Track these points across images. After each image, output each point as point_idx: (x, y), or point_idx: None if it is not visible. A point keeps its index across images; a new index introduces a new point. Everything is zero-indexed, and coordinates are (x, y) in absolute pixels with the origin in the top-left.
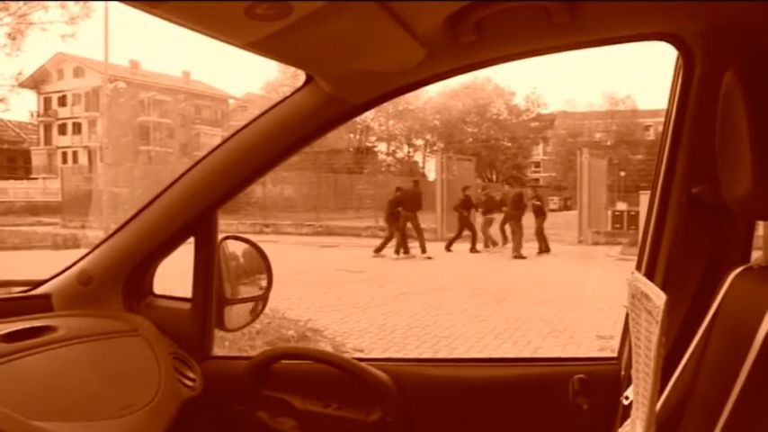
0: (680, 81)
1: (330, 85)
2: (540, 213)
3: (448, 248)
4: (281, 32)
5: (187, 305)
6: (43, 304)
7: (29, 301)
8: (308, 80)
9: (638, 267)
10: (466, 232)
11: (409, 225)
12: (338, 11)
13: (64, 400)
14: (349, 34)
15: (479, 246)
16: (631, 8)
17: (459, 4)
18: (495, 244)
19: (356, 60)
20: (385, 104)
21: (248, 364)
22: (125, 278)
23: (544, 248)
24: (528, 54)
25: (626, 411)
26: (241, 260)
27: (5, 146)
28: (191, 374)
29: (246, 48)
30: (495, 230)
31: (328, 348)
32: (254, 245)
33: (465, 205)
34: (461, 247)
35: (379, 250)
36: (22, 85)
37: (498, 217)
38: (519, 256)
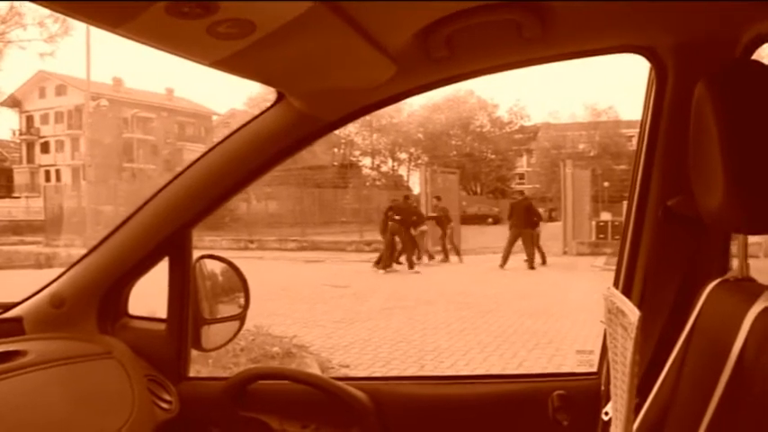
0: (653, 94)
1: (301, 103)
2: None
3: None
4: (246, 51)
5: (163, 326)
6: (14, 328)
7: None
8: (280, 97)
9: (616, 280)
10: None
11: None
12: (303, 28)
13: (33, 426)
14: (316, 52)
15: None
16: (603, 21)
17: (428, 20)
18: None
19: (325, 78)
20: (368, 118)
21: (225, 384)
22: (99, 299)
23: (542, 260)
24: (500, 68)
25: (606, 427)
26: (219, 279)
27: None
28: (166, 396)
29: (214, 66)
30: None
31: (314, 364)
32: (230, 263)
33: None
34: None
35: (378, 263)
36: (2, 104)
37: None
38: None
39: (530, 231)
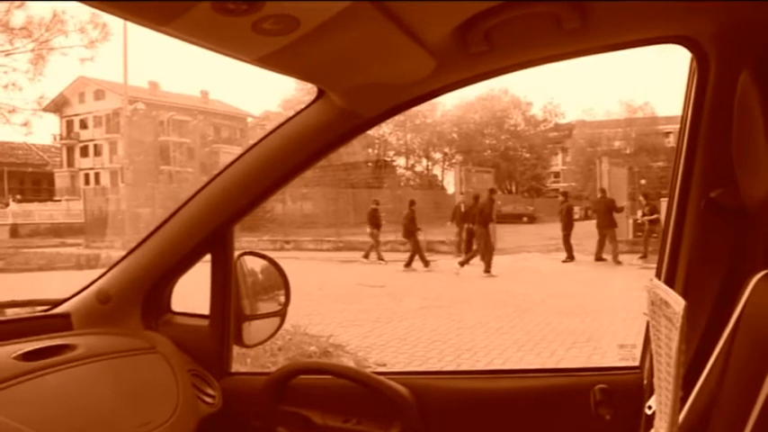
0: (694, 84)
1: (342, 99)
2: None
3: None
4: (289, 47)
5: (205, 322)
6: (63, 323)
7: (49, 320)
8: (320, 94)
9: (658, 274)
10: None
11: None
12: (346, 24)
13: (82, 418)
14: (358, 47)
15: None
16: (643, 11)
17: (467, 14)
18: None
19: (366, 73)
20: (402, 118)
21: (267, 379)
22: (143, 296)
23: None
24: (539, 62)
25: (649, 421)
26: (259, 276)
27: (30, 169)
28: (210, 391)
29: (256, 63)
30: None
31: (351, 363)
32: (271, 260)
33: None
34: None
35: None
36: (45, 110)
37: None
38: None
39: (613, 231)
